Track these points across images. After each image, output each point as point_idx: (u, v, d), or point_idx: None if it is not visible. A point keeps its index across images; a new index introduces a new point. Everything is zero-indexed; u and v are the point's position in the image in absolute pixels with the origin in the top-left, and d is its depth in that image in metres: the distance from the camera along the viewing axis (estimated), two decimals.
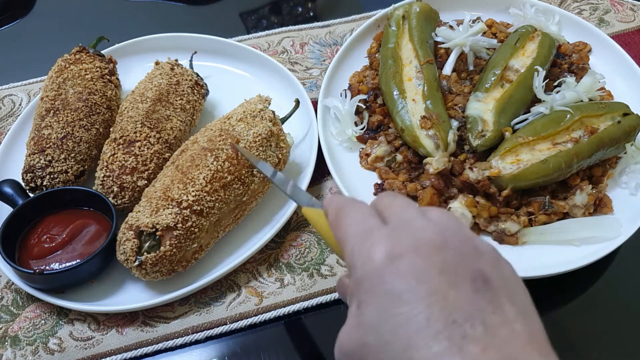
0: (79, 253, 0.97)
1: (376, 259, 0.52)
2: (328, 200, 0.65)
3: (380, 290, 0.51)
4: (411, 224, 0.55)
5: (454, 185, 1.06)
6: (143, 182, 1.03)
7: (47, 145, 1.06)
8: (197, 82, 1.18)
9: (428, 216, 0.56)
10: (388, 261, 0.51)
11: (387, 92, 1.15)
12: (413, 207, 0.58)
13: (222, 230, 1.02)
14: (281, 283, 1.01)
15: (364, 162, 1.14)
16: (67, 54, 1.18)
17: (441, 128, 1.06)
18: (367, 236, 0.55)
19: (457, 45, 1.20)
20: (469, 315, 0.48)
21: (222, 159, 0.99)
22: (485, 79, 1.13)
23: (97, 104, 1.12)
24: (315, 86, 1.31)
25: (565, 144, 1.03)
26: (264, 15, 1.56)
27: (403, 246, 0.52)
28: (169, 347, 0.95)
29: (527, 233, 1.01)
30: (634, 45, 1.36)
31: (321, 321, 0.99)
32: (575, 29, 1.31)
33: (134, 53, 1.33)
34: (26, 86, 1.35)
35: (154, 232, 0.93)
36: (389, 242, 0.53)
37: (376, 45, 1.31)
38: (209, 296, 1.00)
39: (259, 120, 1.04)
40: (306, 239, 1.07)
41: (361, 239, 0.55)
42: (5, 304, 1.00)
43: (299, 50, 1.39)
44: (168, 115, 1.10)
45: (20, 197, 1.04)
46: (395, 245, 0.52)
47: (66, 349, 0.95)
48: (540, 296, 0.99)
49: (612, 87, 1.21)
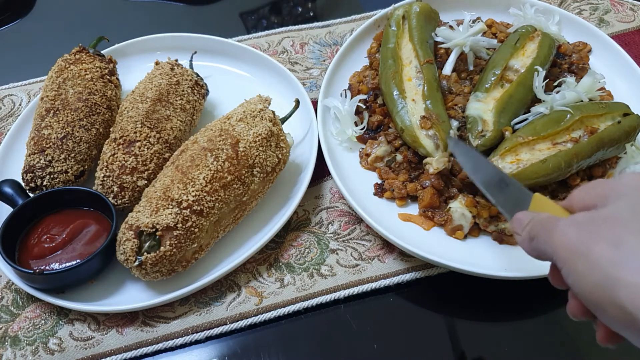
0: (79, 253, 0.97)
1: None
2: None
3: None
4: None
5: (454, 185, 1.06)
6: (143, 182, 1.03)
7: (47, 145, 1.06)
8: (197, 82, 1.18)
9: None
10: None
11: (387, 92, 1.15)
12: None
13: (222, 230, 1.02)
14: (281, 283, 1.01)
15: (364, 162, 1.14)
16: (67, 54, 1.18)
17: (441, 128, 1.06)
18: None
19: (457, 45, 1.20)
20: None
21: (222, 159, 0.99)
22: (485, 79, 1.13)
23: (97, 104, 1.12)
24: (315, 86, 1.31)
25: (565, 144, 1.03)
26: (264, 15, 1.56)
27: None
28: (169, 347, 0.95)
29: None
30: (634, 45, 1.36)
31: (321, 321, 0.99)
32: (575, 29, 1.32)
33: (134, 53, 1.33)
34: (26, 86, 1.35)
35: (154, 232, 0.94)
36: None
37: (376, 45, 1.31)
38: (209, 296, 1.00)
39: (259, 120, 1.04)
40: (306, 239, 1.07)
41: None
42: (5, 304, 1.00)
43: (299, 50, 1.39)
44: (168, 115, 1.10)
45: (20, 197, 1.04)
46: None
47: (66, 349, 0.95)
48: (541, 296, 1.00)
49: (612, 87, 1.21)
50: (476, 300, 1.00)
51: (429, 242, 1.01)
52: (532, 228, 0.69)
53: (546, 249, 0.66)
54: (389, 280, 1.01)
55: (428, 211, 1.05)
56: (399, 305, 1.01)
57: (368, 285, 1.01)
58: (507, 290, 0.99)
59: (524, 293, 1.00)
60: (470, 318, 1.00)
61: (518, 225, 0.73)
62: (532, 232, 0.69)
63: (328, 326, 0.98)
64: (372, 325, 0.98)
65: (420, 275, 1.01)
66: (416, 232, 1.04)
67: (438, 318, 1.00)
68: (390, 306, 1.00)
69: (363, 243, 1.06)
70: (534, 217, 0.71)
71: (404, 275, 1.01)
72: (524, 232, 0.71)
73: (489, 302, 1.00)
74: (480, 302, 1.00)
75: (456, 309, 1.01)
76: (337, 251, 1.05)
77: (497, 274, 0.95)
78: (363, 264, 1.03)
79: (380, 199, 1.09)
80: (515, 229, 0.73)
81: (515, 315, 1.00)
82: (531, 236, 0.69)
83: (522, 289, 0.99)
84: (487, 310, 1.00)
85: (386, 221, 1.04)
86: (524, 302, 1.00)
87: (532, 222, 0.70)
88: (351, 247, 1.05)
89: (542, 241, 0.67)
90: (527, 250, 0.71)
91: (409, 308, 1.01)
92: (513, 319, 1.00)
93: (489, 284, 0.98)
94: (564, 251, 0.63)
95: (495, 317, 1.00)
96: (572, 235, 0.63)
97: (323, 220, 1.09)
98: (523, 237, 0.71)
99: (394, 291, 1.01)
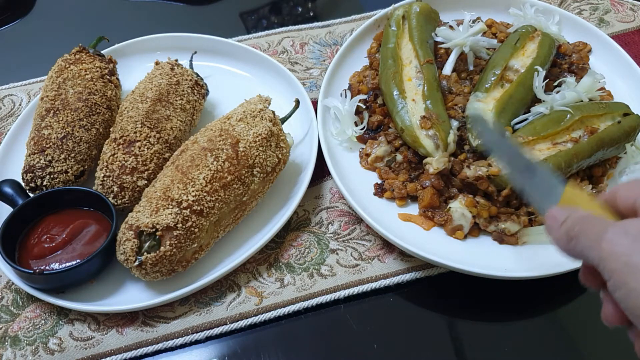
0: (79, 253, 0.97)
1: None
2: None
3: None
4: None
5: (454, 185, 1.06)
6: (143, 182, 1.03)
7: (47, 145, 1.06)
8: (197, 82, 1.18)
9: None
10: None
11: (387, 92, 1.15)
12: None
13: (222, 230, 1.02)
14: (281, 283, 1.01)
15: (364, 162, 1.14)
16: (67, 54, 1.18)
17: (441, 128, 1.06)
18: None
19: (457, 45, 1.20)
20: None
21: (222, 159, 0.99)
22: (485, 79, 1.13)
23: (97, 104, 1.12)
24: (315, 86, 1.31)
25: (565, 144, 1.03)
26: (264, 15, 1.56)
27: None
28: (169, 347, 0.95)
29: (527, 233, 1.01)
30: (634, 45, 1.36)
31: (321, 321, 0.99)
32: (575, 29, 1.32)
33: (134, 53, 1.33)
34: (26, 86, 1.35)
35: (154, 232, 0.93)
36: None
37: (376, 45, 1.31)
38: (209, 296, 1.00)
39: (259, 120, 1.04)
40: (306, 239, 1.07)
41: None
42: (5, 304, 1.00)
43: (299, 50, 1.39)
44: (168, 115, 1.10)
45: (20, 197, 1.04)
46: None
47: (66, 349, 0.95)
48: (540, 296, 1.00)
49: (612, 87, 1.21)
50: (476, 300, 1.00)
51: (429, 242, 1.01)
52: (571, 227, 0.64)
53: (589, 254, 0.62)
54: (389, 280, 1.01)
55: (428, 211, 1.05)
56: (399, 305, 1.01)
57: (368, 285, 1.01)
58: (507, 290, 0.99)
59: (524, 293, 1.00)
60: (470, 318, 1.00)
61: (553, 222, 0.67)
62: (572, 232, 0.64)
63: (328, 326, 0.98)
64: (372, 325, 0.98)
65: (420, 275, 1.01)
66: (416, 232, 1.04)
67: (438, 318, 1.00)
68: (390, 306, 1.00)
69: (363, 243, 1.06)
70: (572, 214, 0.65)
71: (404, 275, 1.01)
72: (561, 230, 0.65)
73: (489, 302, 1.00)
74: (480, 302, 1.00)
75: (456, 309, 1.01)
76: (337, 251, 1.05)
77: (497, 274, 0.95)
78: (363, 264, 1.03)
79: (380, 199, 1.09)
80: (550, 225, 0.67)
81: (515, 315, 1.00)
82: (570, 236, 0.64)
83: (522, 289, 0.99)
84: (487, 310, 1.00)
85: (386, 221, 1.04)
86: (524, 302, 1.00)
87: (571, 221, 0.64)
88: (351, 247, 1.06)
89: (585, 245, 0.62)
90: (562, 250, 0.66)
91: (409, 308, 1.01)
92: (513, 319, 1.00)
93: (489, 284, 0.98)
94: (614, 263, 0.59)
95: (495, 317, 1.00)
96: (625, 247, 0.58)
97: (323, 220, 1.09)
98: (559, 236, 0.65)
99: (394, 291, 1.01)
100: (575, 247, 0.63)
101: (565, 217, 0.65)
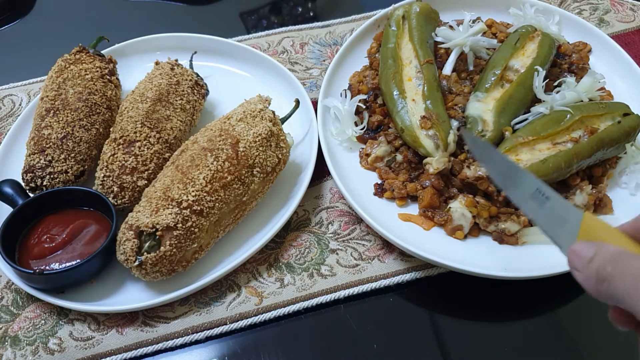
0: (79, 253, 0.97)
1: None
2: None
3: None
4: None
5: (454, 185, 1.06)
6: (143, 182, 1.03)
7: (47, 145, 1.06)
8: (197, 82, 1.18)
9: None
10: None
11: (387, 92, 1.15)
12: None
13: (222, 230, 1.02)
14: (281, 283, 1.01)
15: (364, 162, 1.14)
16: (67, 54, 1.18)
17: (441, 128, 1.06)
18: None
19: (457, 45, 1.20)
20: None
21: (222, 159, 0.99)
22: (485, 79, 1.13)
23: (97, 104, 1.12)
24: (315, 86, 1.31)
25: (565, 144, 1.03)
26: (264, 15, 1.56)
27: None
28: (169, 347, 0.95)
29: (527, 233, 1.01)
30: (634, 45, 1.36)
31: (321, 321, 0.99)
32: (575, 29, 1.32)
33: (134, 53, 1.33)
34: (26, 86, 1.35)
35: (154, 232, 0.94)
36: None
37: (376, 45, 1.31)
38: (209, 296, 1.00)
39: (259, 120, 1.04)
40: (306, 239, 1.07)
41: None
42: (5, 304, 1.00)
43: (299, 50, 1.39)
44: (168, 115, 1.10)
45: (20, 197, 1.04)
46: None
47: (66, 349, 0.95)
48: (541, 296, 1.00)
49: (612, 87, 1.21)
50: (476, 300, 1.00)
51: (429, 242, 1.01)
52: (602, 267, 0.57)
53: (626, 299, 0.54)
54: (389, 280, 1.01)
55: (428, 211, 1.05)
56: (399, 305, 1.01)
57: (368, 285, 1.01)
58: (507, 290, 0.99)
59: (524, 293, 1.00)
60: (471, 318, 1.00)
61: (578, 260, 0.59)
62: (603, 272, 0.56)
63: (328, 326, 0.98)
64: (372, 325, 0.98)
65: (420, 275, 1.01)
66: (416, 232, 1.04)
67: (438, 318, 1.00)
68: (390, 306, 1.00)
69: (363, 243, 1.06)
70: (600, 250, 0.58)
71: (404, 275, 1.01)
72: (590, 270, 0.58)
73: (489, 302, 1.00)
74: (481, 302, 1.00)
75: (456, 309, 1.01)
76: (337, 251, 1.05)
77: (497, 274, 0.95)
78: (363, 264, 1.03)
79: (380, 199, 1.09)
80: (575, 264, 0.60)
81: (515, 315, 1.00)
82: (601, 277, 0.57)
83: (522, 289, 0.99)
84: (487, 310, 1.00)
85: (386, 221, 1.04)
86: (524, 302, 1.00)
87: (601, 258, 0.57)
88: (351, 247, 1.06)
89: (619, 289, 0.55)
90: (591, 292, 0.59)
91: (409, 308, 1.01)
92: (513, 319, 1.00)
93: (489, 284, 0.98)
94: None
95: (495, 317, 1.00)
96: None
97: (323, 220, 1.09)
98: (587, 276, 0.58)
99: (394, 291, 1.01)
100: (609, 290, 0.56)
101: (592, 253, 0.58)
